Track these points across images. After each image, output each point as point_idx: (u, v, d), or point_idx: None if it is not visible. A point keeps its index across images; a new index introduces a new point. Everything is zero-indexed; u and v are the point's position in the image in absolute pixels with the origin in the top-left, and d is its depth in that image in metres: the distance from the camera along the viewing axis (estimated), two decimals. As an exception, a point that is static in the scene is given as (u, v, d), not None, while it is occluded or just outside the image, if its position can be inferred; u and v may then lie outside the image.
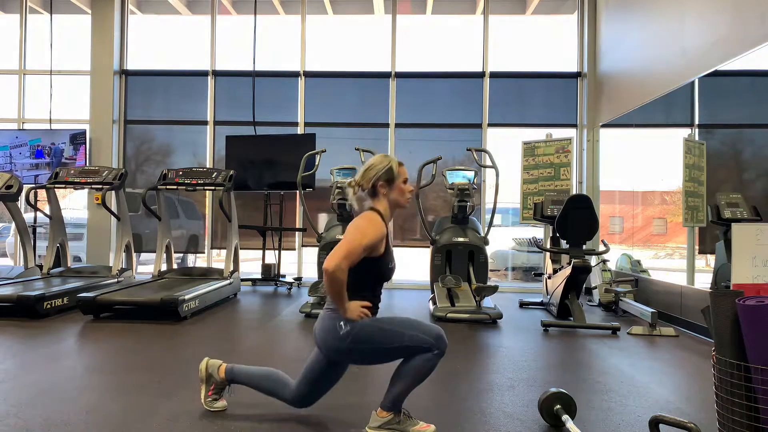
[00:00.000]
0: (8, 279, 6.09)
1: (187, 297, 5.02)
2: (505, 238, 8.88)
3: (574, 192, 7.37)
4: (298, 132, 7.95)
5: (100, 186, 6.32)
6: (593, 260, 6.70)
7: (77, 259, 8.33)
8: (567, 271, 5.07)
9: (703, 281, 4.97)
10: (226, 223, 7.42)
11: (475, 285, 5.79)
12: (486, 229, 6.30)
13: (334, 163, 6.73)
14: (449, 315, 5.12)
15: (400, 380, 2.34)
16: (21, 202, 7.05)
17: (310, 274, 7.91)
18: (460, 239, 6.11)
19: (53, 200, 6.53)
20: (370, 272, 2.37)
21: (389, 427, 2.40)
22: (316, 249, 6.45)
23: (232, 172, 6.48)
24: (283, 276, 7.65)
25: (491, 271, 7.45)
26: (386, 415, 2.39)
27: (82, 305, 4.93)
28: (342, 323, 2.31)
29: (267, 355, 3.82)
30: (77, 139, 7.65)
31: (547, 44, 8.32)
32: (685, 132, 5.28)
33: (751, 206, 4.36)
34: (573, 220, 5.05)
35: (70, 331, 4.46)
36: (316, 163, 6.82)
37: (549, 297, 5.82)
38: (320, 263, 6.35)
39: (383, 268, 2.39)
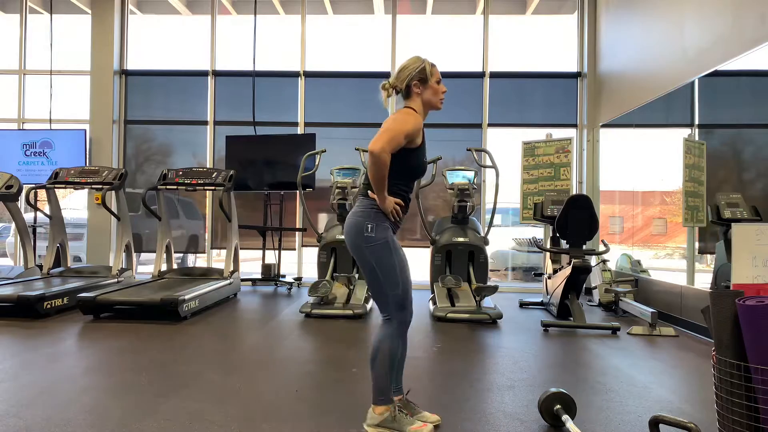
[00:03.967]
0: (8, 279, 6.09)
1: (187, 297, 5.02)
2: (505, 238, 8.88)
3: (574, 192, 7.37)
4: (298, 132, 7.95)
5: (100, 186, 6.32)
6: (593, 260, 6.70)
7: (77, 259, 8.33)
8: (567, 271, 5.07)
9: (703, 281, 4.97)
10: (226, 223, 7.42)
11: (475, 285, 5.79)
12: (486, 229, 6.30)
13: (334, 163, 6.73)
14: (449, 315, 5.12)
15: (374, 368, 2.40)
16: (21, 202, 7.05)
17: (310, 274, 7.91)
18: (460, 239, 6.11)
19: (53, 200, 6.53)
20: (408, 163, 2.42)
21: (386, 425, 2.40)
22: (316, 249, 6.45)
23: (232, 172, 6.47)
24: (283, 276, 7.65)
25: (491, 271, 7.46)
26: (382, 410, 2.41)
27: (82, 305, 4.93)
28: (370, 224, 2.37)
29: (267, 355, 3.82)
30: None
31: (547, 44, 8.32)
32: (685, 132, 5.28)
33: (751, 206, 4.36)
34: (573, 220, 5.05)
35: (70, 331, 4.45)
36: (316, 163, 6.82)
37: (549, 297, 5.82)
38: (320, 263, 6.36)
39: (420, 160, 2.46)
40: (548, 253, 6.11)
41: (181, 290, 5.29)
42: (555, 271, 5.75)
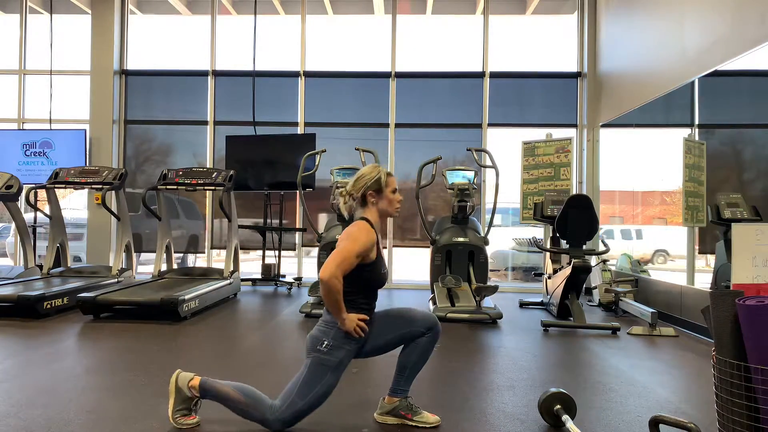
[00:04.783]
0: (8, 279, 6.09)
1: (187, 297, 5.02)
2: (505, 238, 8.87)
3: (574, 192, 7.37)
4: (298, 132, 7.95)
5: (100, 186, 6.32)
6: (593, 260, 6.70)
7: (77, 259, 8.33)
8: (567, 271, 5.07)
9: (703, 281, 4.97)
10: (226, 223, 7.41)
11: (475, 285, 5.79)
12: (486, 229, 6.30)
13: (334, 163, 6.72)
14: (449, 315, 5.12)
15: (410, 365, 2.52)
16: (21, 202, 7.05)
17: (310, 274, 7.91)
18: (460, 239, 6.11)
19: (53, 200, 6.53)
20: (363, 278, 2.41)
21: (396, 413, 2.53)
22: (316, 249, 6.45)
23: (232, 172, 6.47)
24: (283, 276, 7.64)
25: (491, 271, 7.45)
26: (394, 401, 2.54)
27: (82, 305, 4.93)
28: (327, 342, 2.36)
29: (267, 355, 3.82)
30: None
31: (547, 44, 8.32)
32: (685, 132, 5.28)
33: (751, 206, 4.36)
34: (573, 220, 5.05)
35: (70, 331, 4.45)
36: (316, 163, 6.82)
37: (549, 297, 5.82)
38: (320, 263, 6.35)
39: (376, 274, 2.44)
40: (548, 253, 6.11)
41: (181, 290, 5.29)
42: (555, 271, 5.75)
